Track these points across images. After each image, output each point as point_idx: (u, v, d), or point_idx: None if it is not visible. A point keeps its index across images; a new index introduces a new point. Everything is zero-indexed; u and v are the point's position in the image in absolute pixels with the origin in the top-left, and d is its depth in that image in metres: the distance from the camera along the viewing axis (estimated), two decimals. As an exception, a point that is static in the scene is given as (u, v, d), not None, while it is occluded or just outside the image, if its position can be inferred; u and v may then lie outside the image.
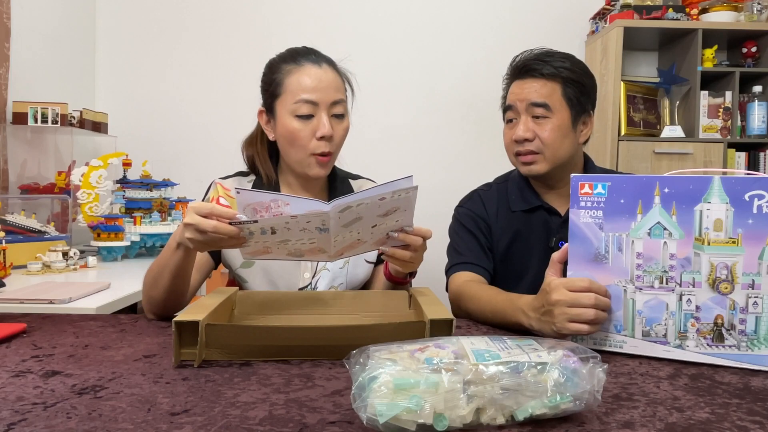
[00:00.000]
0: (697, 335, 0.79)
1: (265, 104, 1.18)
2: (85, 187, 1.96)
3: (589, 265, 0.84)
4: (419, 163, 2.78)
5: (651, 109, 2.64)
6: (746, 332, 0.77)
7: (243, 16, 2.73)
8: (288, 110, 1.11)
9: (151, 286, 1.02)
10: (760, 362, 0.76)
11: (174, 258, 0.97)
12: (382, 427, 0.53)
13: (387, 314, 1.00)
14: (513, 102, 1.21)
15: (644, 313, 0.81)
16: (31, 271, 1.63)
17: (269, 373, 0.74)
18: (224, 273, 1.68)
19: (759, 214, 0.76)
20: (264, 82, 1.18)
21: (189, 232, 0.87)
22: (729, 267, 0.77)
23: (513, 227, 1.25)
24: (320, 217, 0.85)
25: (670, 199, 0.79)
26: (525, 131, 1.18)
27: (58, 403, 0.63)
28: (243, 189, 0.86)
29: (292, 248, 0.92)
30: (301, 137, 1.11)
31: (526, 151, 1.19)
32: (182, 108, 2.73)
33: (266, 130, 1.19)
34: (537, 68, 1.18)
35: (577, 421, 0.59)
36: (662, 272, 0.80)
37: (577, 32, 2.79)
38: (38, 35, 2.26)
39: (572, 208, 0.85)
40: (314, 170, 1.14)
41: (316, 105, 1.10)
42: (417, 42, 2.77)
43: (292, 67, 1.13)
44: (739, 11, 2.57)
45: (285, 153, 1.17)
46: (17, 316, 1.04)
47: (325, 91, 1.11)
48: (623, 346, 0.82)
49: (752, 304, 0.76)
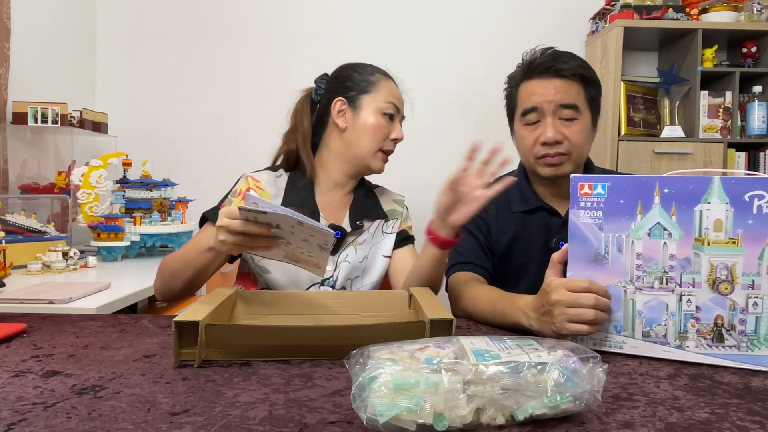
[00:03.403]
0: (697, 336, 0.79)
1: (348, 96, 1.26)
2: (85, 187, 1.96)
3: (588, 265, 0.84)
4: (419, 163, 2.78)
5: (651, 109, 2.64)
6: (746, 333, 0.77)
7: (243, 16, 2.73)
8: (378, 106, 1.24)
9: (171, 277, 1.12)
10: (760, 363, 0.76)
11: (202, 258, 1.06)
12: (382, 427, 0.53)
13: (387, 314, 1.00)
14: (538, 103, 1.16)
15: (644, 313, 0.81)
16: (31, 271, 1.63)
17: (269, 373, 0.74)
18: (224, 273, 1.68)
19: (759, 215, 0.76)
20: (354, 78, 1.27)
21: (222, 235, 0.91)
22: (729, 267, 0.77)
23: (513, 228, 1.25)
24: (325, 237, 0.87)
25: (669, 200, 0.79)
26: (555, 133, 1.14)
27: (58, 403, 0.63)
28: (255, 196, 0.87)
29: (291, 252, 0.93)
30: (382, 132, 1.25)
31: (555, 153, 1.15)
32: (182, 108, 2.73)
33: (337, 117, 1.26)
34: (560, 68, 1.15)
35: (577, 421, 0.59)
36: (662, 273, 0.80)
37: (577, 32, 2.78)
38: (38, 35, 2.26)
39: (572, 209, 0.85)
40: (379, 164, 1.27)
41: (397, 112, 1.28)
42: (417, 42, 2.77)
43: (383, 77, 1.30)
44: (739, 11, 2.57)
45: (355, 142, 1.25)
46: (17, 316, 1.04)
47: (402, 105, 1.31)
48: (623, 346, 0.82)
49: (752, 304, 0.76)
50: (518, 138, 1.23)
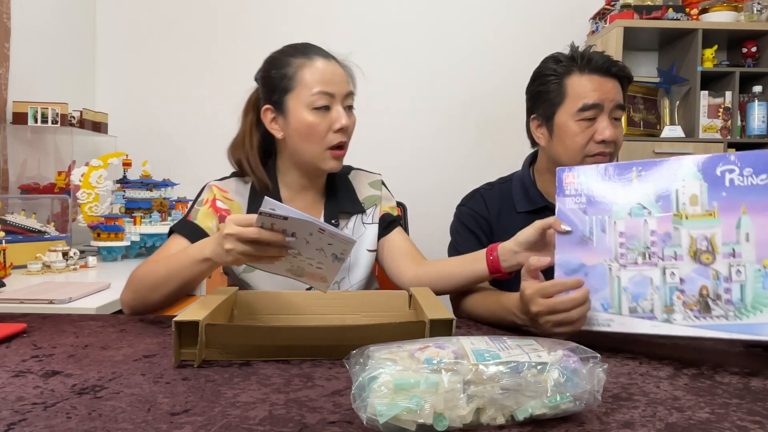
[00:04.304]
0: (684, 308, 0.79)
1: (272, 101, 1.14)
2: (85, 187, 1.96)
3: (575, 248, 0.87)
4: (419, 163, 2.79)
5: (651, 109, 2.64)
6: (732, 301, 0.76)
7: (243, 16, 2.73)
8: (304, 103, 1.09)
9: (150, 290, 1.00)
10: (750, 331, 0.75)
11: (193, 270, 0.96)
12: (382, 427, 0.53)
13: (387, 314, 1.00)
14: (601, 100, 1.14)
15: (630, 289, 0.82)
16: (31, 271, 1.63)
17: (269, 373, 0.74)
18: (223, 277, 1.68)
19: (731, 187, 0.78)
20: (271, 78, 1.13)
21: (229, 243, 0.84)
22: (708, 238, 0.78)
23: (517, 228, 1.24)
24: (344, 245, 0.82)
25: (647, 182, 0.83)
26: (613, 133, 1.14)
27: (58, 403, 0.63)
28: (273, 201, 0.78)
29: (297, 265, 0.87)
30: (319, 131, 1.10)
31: (607, 152, 1.15)
32: (182, 108, 2.73)
33: (272, 128, 1.15)
34: (617, 68, 1.16)
35: (577, 421, 0.59)
36: (645, 248, 0.82)
37: (577, 32, 2.78)
38: (38, 35, 2.26)
39: (558, 197, 0.89)
40: (330, 164, 1.13)
41: (332, 96, 1.10)
42: (417, 42, 2.77)
43: (303, 60, 1.11)
44: (739, 11, 2.57)
45: (297, 149, 1.13)
46: (17, 316, 1.04)
47: (339, 83, 1.11)
48: (611, 324, 0.83)
49: (735, 272, 0.76)
50: (567, 133, 1.16)
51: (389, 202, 1.31)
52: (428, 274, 1.14)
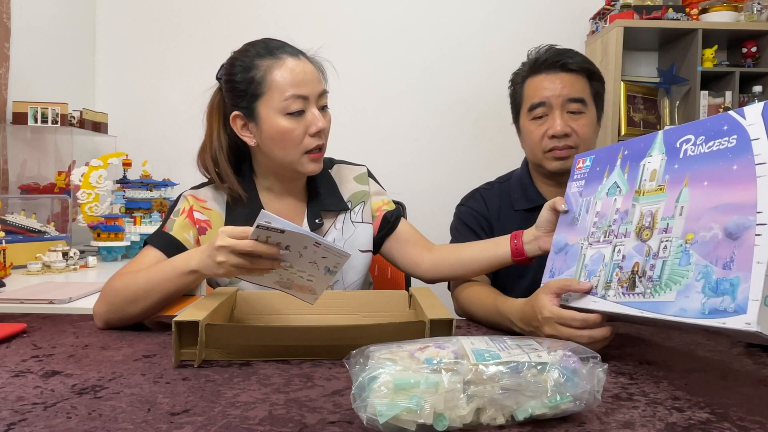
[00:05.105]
0: (618, 284, 0.76)
1: (241, 107, 1.06)
2: (85, 187, 1.96)
3: (567, 228, 0.91)
4: (419, 163, 2.78)
5: (651, 109, 2.64)
6: (653, 278, 0.71)
7: (243, 16, 2.73)
8: (276, 109, 1.02)
9: (129, 302, 0.94)
10: (655, 309, 0.69)
11: (178, 282, 0.92)
12: (382, 427, 0.53)
13: (387, 314, 1.00)
14: (546, 98, 1.17)
15: (588, 266, 0.83)
16: (31, 271, 1.63)
17: (269, 373, 0.74)
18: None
19: (684, 158, 0.73)
20: (238, 83, 1.06)
21: (222, 255, 0.82)
22: (653, 214, 0.75)
23: (515, 226, 1.25)
24: (338, 258, 0.82)
25: (626, 160, 0.83)
26: (563, 126, 1.16)
27: (58, 403, 0.63)
28: (269, 214, 0.77)
29: (287, 277, 0.86)
30: (295, 136, 1.04)
31: (563, 146, 1.17)
32: (182, 108, 2.73)
33: (243, 136, 1.08)
34: (567, 62, 1.17)
35: (577, 421, 0.59)
36: (608, 227, 0.82)
37: (577, 32, 2.79)
38: (38, 35, 2.26)
39: (569, 182, 0.94)
40: (309, 167, 1.08)
41: (306, 99, 1.03)
42: (416, 42, 2.77)
43: (271, 61, 1.04)
44: (739, 11, 2.57)
45: (272, 156, 1.07)
46: (17, 316, 1.04)
47: (311, 83, 1.05)
48: (568, 299, 0.83)
49: (662, 247, 0.71)
50: (525, 133, 1.23)
51: (380, 196, 1.24)
52: (446, 260, 1.13)
